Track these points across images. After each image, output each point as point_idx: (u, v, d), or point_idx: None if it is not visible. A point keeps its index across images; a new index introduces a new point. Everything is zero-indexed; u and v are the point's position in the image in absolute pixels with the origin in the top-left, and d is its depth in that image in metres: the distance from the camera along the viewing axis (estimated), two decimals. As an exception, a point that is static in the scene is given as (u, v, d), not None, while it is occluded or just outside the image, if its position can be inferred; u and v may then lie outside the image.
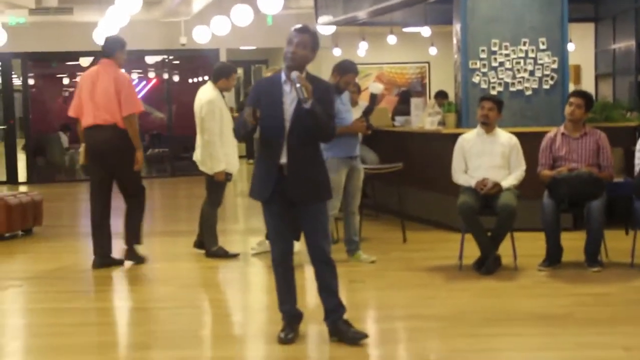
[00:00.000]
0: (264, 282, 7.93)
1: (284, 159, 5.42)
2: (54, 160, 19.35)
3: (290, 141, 5.41)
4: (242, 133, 5.57)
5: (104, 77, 8.17)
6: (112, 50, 8.35)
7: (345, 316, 5.58)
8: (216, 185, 8.57)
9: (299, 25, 5.42)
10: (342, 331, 5.51)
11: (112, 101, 8.05)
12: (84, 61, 20.70)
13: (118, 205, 8.61)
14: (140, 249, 8.48)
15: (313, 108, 5.29)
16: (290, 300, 5.70)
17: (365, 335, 5.52)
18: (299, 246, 6.52)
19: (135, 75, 22.17)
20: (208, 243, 8.60)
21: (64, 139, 19.83)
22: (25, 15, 15.50)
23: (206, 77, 20.32)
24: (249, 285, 7.99)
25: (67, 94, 23.86)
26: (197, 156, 8.60)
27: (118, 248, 8.49)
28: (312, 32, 5.49)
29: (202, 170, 8.56)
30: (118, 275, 8.19)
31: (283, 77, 5.47)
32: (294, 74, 5.32)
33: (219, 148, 8.36)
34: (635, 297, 6.64)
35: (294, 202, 5.52)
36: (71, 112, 8.39)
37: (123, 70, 8.39)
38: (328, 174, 5.61)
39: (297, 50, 5.39)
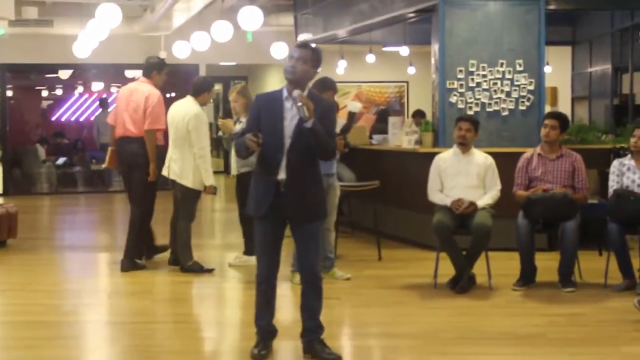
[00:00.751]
0: (239, 297, 7.95)
1: (282, 175, 5.38)
2: (31, 172, 19.25)
3: (290, 158, 5.37)
4: (243, 155, 5.60)
5: (137, 94, 8.72)
6: (149, 71, 8.91)
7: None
8: (192, 199, 8.58)
9: (300, 41, 5.49)
10: (317, 350, 5.52)
11: (140, 116, 8.63)
12: (63, 74, 20.70)
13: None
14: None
15: (314, 127, 5.25)
16: (268, 317, 5.65)
17: (339, 357, 5.53)
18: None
19: (114, 89, 22.17)
20: (183, 258, 8.57)
21: (41, 151, 19.76)
22: (5, 27, 15.43)
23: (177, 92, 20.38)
24: (223, 301, 7.97)
25: (45, 106, 23.82)
26: (173, 170, 8.57)
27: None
28: (313, 48, 5.47)
29: (182, 183, 8.53)
30: (92, 289, 8.16)
31: (284, 93, 5.43)
32: (296, 92, 5.27)
33: (209, 161, 8.60)
34: (608, 318, 6.68)
35: (289, 219, 5.49)
36: (109, 119, 9.01)
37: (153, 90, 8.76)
38: (324, 193, 5.60)
39: (296, 65, 5.36)
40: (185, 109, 8.58)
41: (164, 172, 8.67)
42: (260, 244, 5.58)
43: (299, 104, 5.20)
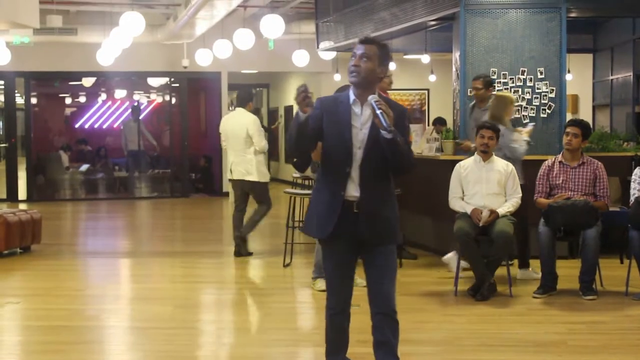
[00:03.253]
0: (258, 304, 7.98)
1: (353, 192, 4.62)
2: (54, 178, 19.42)
3: (363, 172, 4.61)
4: (301, 166, 5.12)
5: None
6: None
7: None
8: (263, 189, 9.99)
9: (363, 36, 4.75)
10: None
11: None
12: (87, 81, 20.86)
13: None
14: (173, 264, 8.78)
15: (395, 137, 4.45)
16: (343, 351, 5.03)
17: None
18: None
19: (136, 97, 22.31)
20: (246, 232, 9.97)
21: (65, 158, 19.92)
22: (30, 35, 15.61)
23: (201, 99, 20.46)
24: (243, 307, 8.00)
25: (68, 113, 24.00)
26: (239, 171, 9.89)
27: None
28: (380, 43, 4.69)
29: (250, 180, 9.85)
30: (114, 295, 8.22)
31: (352, 96, 4.64)
32: (372, 98, 4.49)
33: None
34: (629, 326, 6.67)
35: (362, 242, 4.71)
36: None
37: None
38: (398, 212, 4.85)
39: (359, 63, 4.58)
40: (242, 118, 9.93)
41: (229, 176, 10.03)
42: (330, 270, 4.82)
43: (378, 111, 4.42)
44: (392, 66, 17.28)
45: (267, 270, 9.43)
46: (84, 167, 20.18)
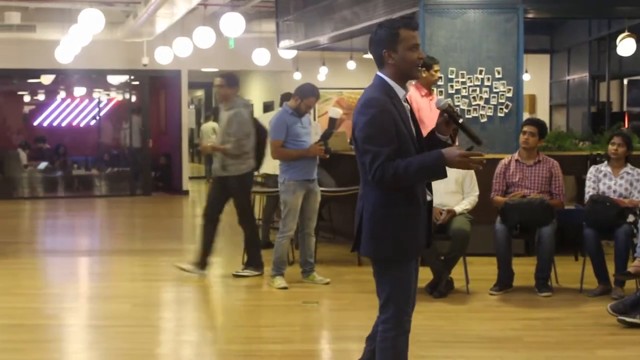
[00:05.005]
0: (219, 302, 8.01)
1: (430, 196, 4.26)
2: (13, 176, 19.23)
3: None
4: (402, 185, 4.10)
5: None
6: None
7: (298, 336, 5.62)
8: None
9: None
10: None
11: None
12: (46, 79, 20.67)
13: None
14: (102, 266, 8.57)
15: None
16: None
17: None
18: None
19: (96, 95, 22.17)
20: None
21: (23, 156, 19.74)
22: (-13, 32, 15.47)
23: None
24: (203, 305, 8.01)
25: (27, 111, 23.79)
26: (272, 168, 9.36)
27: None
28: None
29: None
30: (73, 293, 8.20)
31: (399, 92, 4.10)
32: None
33: None
34: (583, 322, 6.76)
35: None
36: None
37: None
38: None
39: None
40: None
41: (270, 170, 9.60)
42: (406, 289, 4.22)
43: (460, 120, 4.13)
44: (353, 65, 17.43)
45: (226, 268, 9.44)
46: (43, 165, 20.01)
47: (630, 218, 7.49)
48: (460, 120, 4.07)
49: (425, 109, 8.48)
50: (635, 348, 6.03)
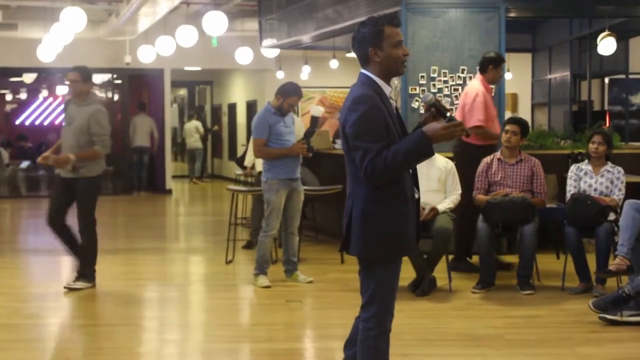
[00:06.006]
0: (201, 301, 8.00)
1: (417, 193, 4.17)
2: (-6, 175, 19.14)
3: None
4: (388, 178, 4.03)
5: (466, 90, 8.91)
6: (484, 67, 8.72)
7: (281, 335, 5.63)
8: None
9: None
10: None
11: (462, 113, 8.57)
12: (28, 77, 20.58)
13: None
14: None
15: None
16: None
17: None
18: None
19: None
20: None
21: (5, 154, 19.62)
22: (-32, 30, 15.39)
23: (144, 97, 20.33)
24: (185, 304, 8.00)
25: (9, 110, 23.69)
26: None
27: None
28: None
29: None
30: (55, 292, 8.16)
31: (385, 88, 4.09)
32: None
33: None
34: (565, 320, 6.81)
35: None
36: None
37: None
38: None
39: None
40: None
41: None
42: (392, 290, 4.19)
43: (448, 114, 4.04)
44: (335, 64, 17.43)
45: (209, 267, 9.45)
46: (25, 164, 19.90)
47: (611, 216, 7.54)
48: (448, 114, 4.03)
49: (492, 106, 8.63)
50: (616, 345, 6.08)
